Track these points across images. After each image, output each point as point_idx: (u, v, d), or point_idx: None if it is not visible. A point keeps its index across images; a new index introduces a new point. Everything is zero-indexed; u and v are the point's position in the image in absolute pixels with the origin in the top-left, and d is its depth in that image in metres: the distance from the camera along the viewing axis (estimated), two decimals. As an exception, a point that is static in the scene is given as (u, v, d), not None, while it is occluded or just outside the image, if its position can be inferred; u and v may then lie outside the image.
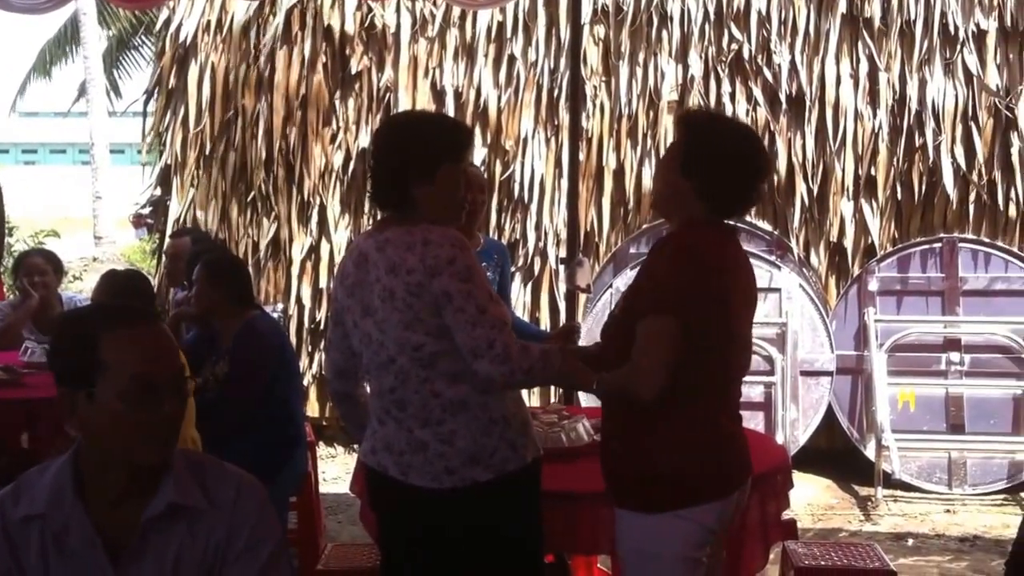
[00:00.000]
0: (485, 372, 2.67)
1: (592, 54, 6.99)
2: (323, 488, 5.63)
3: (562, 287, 6.45)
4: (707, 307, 2.68)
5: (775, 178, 6.77)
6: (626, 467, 2.79)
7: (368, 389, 2.97)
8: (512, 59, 7.05)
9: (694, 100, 6.87)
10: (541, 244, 6.95)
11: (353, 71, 7.16)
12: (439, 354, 2.71)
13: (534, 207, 6.96)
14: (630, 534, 2.78)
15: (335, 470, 6.77)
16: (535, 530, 2.88)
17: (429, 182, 2.76)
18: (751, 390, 6.45)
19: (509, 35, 7.06)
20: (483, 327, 2.66)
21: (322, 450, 6.93)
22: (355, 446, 6.75)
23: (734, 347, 2.80)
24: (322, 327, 7.11)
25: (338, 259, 7.10)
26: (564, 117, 6.78)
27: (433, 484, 2.75)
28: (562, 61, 6.90)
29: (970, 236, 6.69)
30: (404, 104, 7.04)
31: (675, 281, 2.67)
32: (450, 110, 6.97)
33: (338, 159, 7.14)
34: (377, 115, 7.09)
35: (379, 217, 2.95)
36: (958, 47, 6.71)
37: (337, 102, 7.17)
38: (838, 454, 6.64)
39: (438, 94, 7.10)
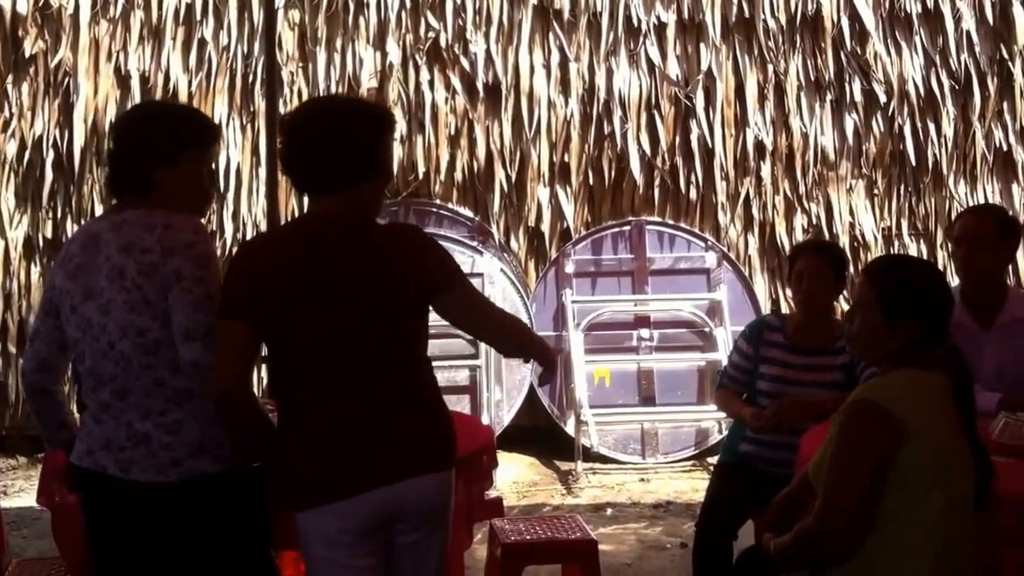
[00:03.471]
0: (193, 356, 2.58)
1: (288, 39, 6.84)
2: (4, 503, 5.26)
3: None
4: (261, 303, 2.57)
5: (475, 165, 6.89)
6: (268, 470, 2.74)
7: (76, 387, 2.80)
8: (203, 43, 6.80)
9: (393, 88, 6.86)
10: (239, 235, 6.74)
11: (27, 54, 6.69)
12: (164, 341, 2.62)
13: (231, 196, 6.74)
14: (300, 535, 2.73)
15: (17, 483, 6.31)
16: (264, 522, 2.81)
17: (174, 165, 2.72)
18: (457, 374, 6.55)
19: (199, 18, 6.79)
20: (206, 314, 2.60)
21: (2, 462, 6.48)
22: (39, 455, 6.33)
23: (311, 337, 2.60)
24: (-1, 329, 6.64)
25: (14, 257, 6.67)
26: (260, 103, 6.62)
27: (158, 478, 2.64)
28: (256, 46, 6.72)
29: (656, 219, 7.05)
30: (85, 89, 6.65)
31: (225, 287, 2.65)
32: (136, 95, 6.65)
33: (12, 148, 6.65)
34: (55, 101, 6.68)
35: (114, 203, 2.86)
36: (641, 39, 7.04)
37: (9, 87, 6.69)
38: (540, 432, 6.84)
39: (123, 79, 6.75)
